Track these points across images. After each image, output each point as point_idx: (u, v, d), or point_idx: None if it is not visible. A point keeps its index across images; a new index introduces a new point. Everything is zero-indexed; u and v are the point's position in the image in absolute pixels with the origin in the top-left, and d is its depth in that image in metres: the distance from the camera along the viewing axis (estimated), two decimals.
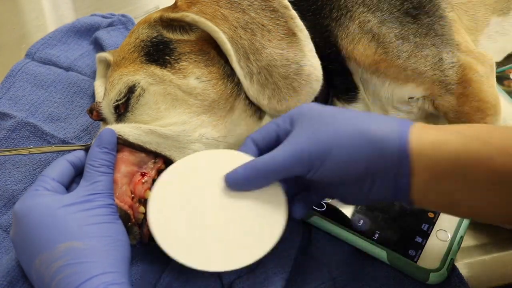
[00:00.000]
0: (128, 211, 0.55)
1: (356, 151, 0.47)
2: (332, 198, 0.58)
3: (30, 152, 0.62)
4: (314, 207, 0.61)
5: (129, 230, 0.54)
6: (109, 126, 0.59)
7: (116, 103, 0.61)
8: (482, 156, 0.45)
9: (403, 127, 0.48)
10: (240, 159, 0.53)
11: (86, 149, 0.60)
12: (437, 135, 0.47)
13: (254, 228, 0.51)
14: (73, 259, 0.47)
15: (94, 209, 0.51)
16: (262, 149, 0.54)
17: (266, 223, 0.51)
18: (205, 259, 0.49)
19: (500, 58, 0.82)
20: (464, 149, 0.45)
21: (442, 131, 0.48)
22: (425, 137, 0.47)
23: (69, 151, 0.62)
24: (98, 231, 0.50)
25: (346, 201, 0.55)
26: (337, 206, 0.61)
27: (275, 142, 0.53)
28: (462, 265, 0.58)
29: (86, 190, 0.53)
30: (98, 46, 0.90)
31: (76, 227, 0.49)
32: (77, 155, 0.59)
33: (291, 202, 0.55)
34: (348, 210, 0.61)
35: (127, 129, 0.57)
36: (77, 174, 0.59)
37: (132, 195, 0.56)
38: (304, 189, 0.57)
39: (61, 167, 0.57)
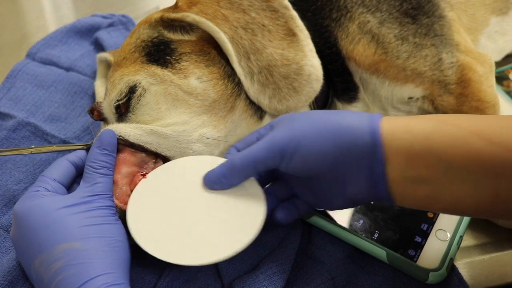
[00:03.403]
0: None
1: (327, 137, 0.49)
2: (316, 205, 0.57)
3: (32, 152, 0.62)
4: None
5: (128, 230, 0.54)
6: (110, 126, 0.59)
7: (117, 103, 0.61)
8: (455, 138, 0.45)
9: (374, 116, 0.49)
10: (219, 161, 0.55)
11: (88, 148, 0.60)
12: (408, 120, 0.48)
13: (233, 222, 0.52)
14: (72, 260, 0.47)
15: (94, 211, 0.51)
16: None
17: (245, 217, 0.52)
18: (183, 253, 0.50)
19: (499, 57, 0.82)
20: (436, 132, 0.46)
21: (413, 117, 0.48)
22: (396, 122, 0.48)
23: (71, 150, 0.62)
24: (97, 232, 0.50)
25: (328, 203, 0.54)
26: None
27: None
28: (462, 265, 0.58)
29: (86, 192, 0.53)
30: (99, 47, 0.90)
31: (75, 228, 0.49)
32: (78, 155, 0.59)
33: (277, 208, 0.57)
34: (347, 210, 0.61)
35: (128, 129, 0.58)
36: (79, 174, 0.59)
37: None
38: (291, 196, 0.58)
39: (62, 167, 0.57)
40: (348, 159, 0.48)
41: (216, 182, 0.53)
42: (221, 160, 0.56)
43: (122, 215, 0.54)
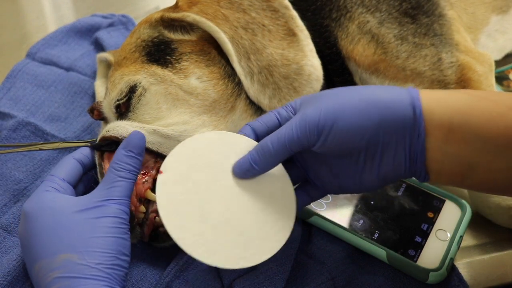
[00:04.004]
0: (134, 211, 0.55)
1: (366, 110, 0.46)
2: (338, 189, 0.54)
3: (41, 149, 0.62)
4: (314, 207, 0.61)
5: (131, 229, 0.54)
6: (113, 124, 0.59)
7: (117, 102, 0.61)
8: (493, 113, 0.44)
9: (412, 89, 0.47)
10: (245, 142, 0.52)
11: (92, 145, 0.60)
12: (446, 94, 0.47)
13: (266, 224, 0.50)
14: (68, 272, 0.47)
15: (104, 218, 0.49)
16: (260, 135, 0.53)
17: (278, 218, 0.50)
18: (222, 256, 0.47)
19: (499, 56, 0.82)
20: (474, 107, 0.45)
21: (451, 91, 0.47)
22: (436, 96, 0.47)
23: (76, 147, 0.62)
24: (99, 245, 0.48)
25: (356, 184, 0.51)
26: (337, 206, 0.62)
27: (276, 127, 0.52)
28: (462, 265, 0.58)
29: (101, 195, 0.50)
30: (99, 46, 0.90)
31: (79, 239, 0.48)
32: (83, 152, 0.59)
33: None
34: (348, 210, 0.61)
35: (130, 129, 0.57)
36: (85, 172, 0.59)
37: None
38: (302, 180, 0.55)
39: (69, 166, 0.57)
40: (388, 133, 0.46)
41: (249, 170, 0.50)
42: (244, 139, 0.52)
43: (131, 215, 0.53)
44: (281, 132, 0.48)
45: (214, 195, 0.50)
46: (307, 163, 0.54)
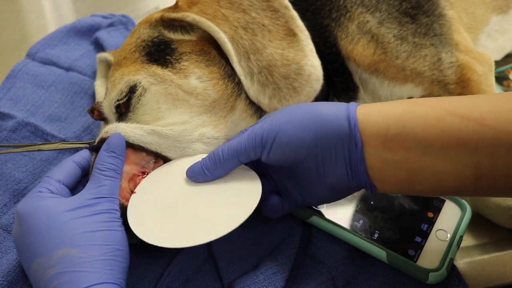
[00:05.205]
0: None
1: (304, 124, 0.50)
2: (302, 200, 0.57)
3: (40, 149, 0.63)
4: (313, 207, 0.61)
5: (129, 228, 0.54)
6: (111, 125, 0.59)
7: (117, 102, 0.61)
8: (429, 118, 0.45)
9: (351, 104, 0.50)
10: None
11: (91, 147, 0.60)
12: (383, 105, 0.49)
13: (230, 202, 0.53)
14: (68, 267, 0.47)
15: (96, 215, 0.50)
16: None
17: (242, 195, 0.53)
18: (180, 237, 0.50)
19: (499, 56, 0.83)
20: (411, 113, 0.46)
21: (388, 102, 0.49)
22: (372, 107, 0.49)
23: (76, 149, 0.62)
24: (97, 239, 0.49)
25: (312, 195, 0.55)
26: (337, 206, 0.62)
27: None
28: (462, 265, 0.58)
29: (91, 194, 0.52)
30: (99, 47, 0.90)
31: (75, 234, 0.48)
32: (83, 155, 0.59)
33: (262, 204, 0.57)
34: (348, 210, 0.61)
35: (128, 129, 0.58)
36: (84, 174, 0.59)
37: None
38: (274, 193, 0.59)
39: (67, 168, 0.57)
40: (325, 145, 0.49)
41: (200, 173, 0.54)
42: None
43: (123, 211, 0.54)
44: (232, 143, 0.54)
45: (180, 196, 0.54)
46: (276, 177, 0.58)
